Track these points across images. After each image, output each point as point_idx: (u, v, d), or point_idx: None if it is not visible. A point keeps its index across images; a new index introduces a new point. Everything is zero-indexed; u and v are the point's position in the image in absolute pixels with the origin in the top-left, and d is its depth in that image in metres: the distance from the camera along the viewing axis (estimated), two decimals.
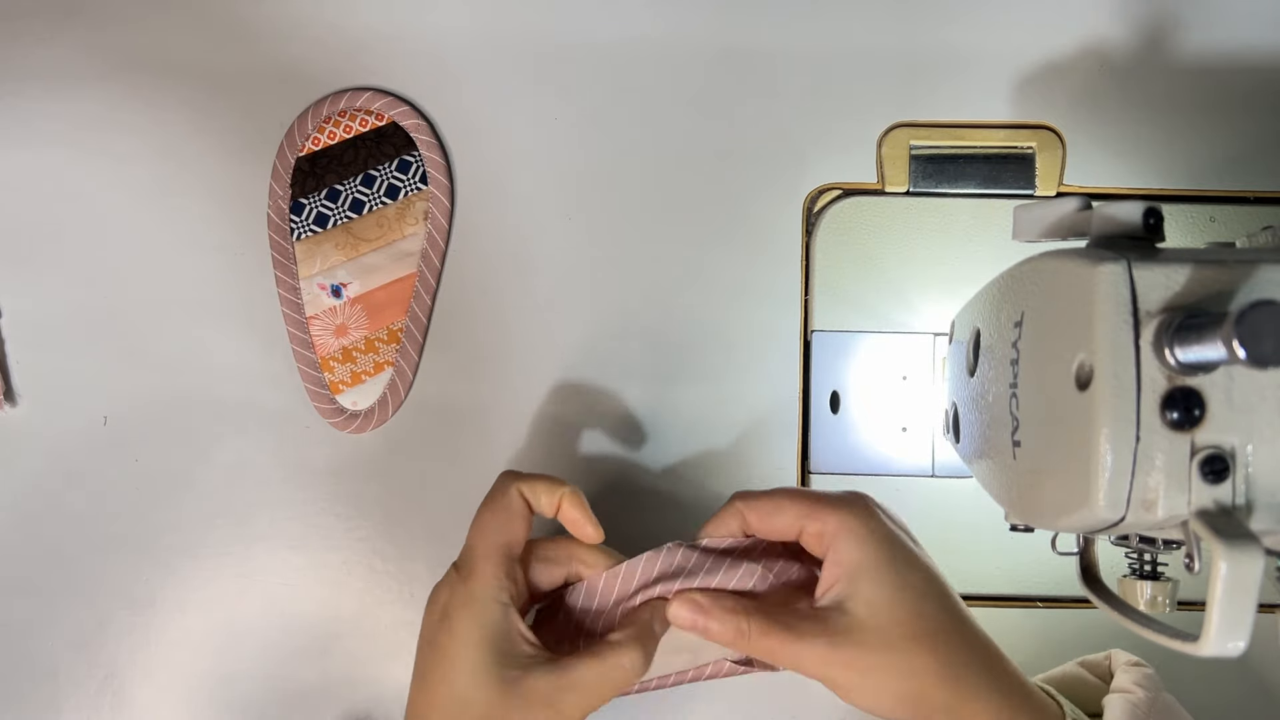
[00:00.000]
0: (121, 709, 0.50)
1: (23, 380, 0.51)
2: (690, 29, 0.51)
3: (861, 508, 0.38)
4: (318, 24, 0.52)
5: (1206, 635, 0.29)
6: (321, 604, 0.50)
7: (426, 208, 0.51)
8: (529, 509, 0.40)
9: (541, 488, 0.40)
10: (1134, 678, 0.40)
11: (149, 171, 0.51)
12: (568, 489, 0.40)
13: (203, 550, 0.50)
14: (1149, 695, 0.39)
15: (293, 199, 0.51)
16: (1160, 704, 0.39)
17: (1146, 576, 0.38)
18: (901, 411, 0.50)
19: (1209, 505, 0.29)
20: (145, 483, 0.50)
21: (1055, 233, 0.36)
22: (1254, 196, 0.50)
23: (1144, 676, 0.41)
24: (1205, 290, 0.30)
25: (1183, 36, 0.51)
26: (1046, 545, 0.41)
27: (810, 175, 0.51)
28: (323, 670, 0.50)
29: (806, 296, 0.51)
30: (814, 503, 0.39)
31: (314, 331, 0.50)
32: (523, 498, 0.40)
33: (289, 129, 0.51)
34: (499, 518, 0.39)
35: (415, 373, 0.51)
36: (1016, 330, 0.36)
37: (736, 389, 0.50)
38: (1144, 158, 0.51)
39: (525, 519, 0.40)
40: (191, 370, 0.51)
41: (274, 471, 0.50)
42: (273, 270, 0.51)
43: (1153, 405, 0.29)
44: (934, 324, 0.50)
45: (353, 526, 0.50)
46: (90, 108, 0.51)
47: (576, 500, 0.40)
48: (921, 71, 0.51)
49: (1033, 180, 0.50)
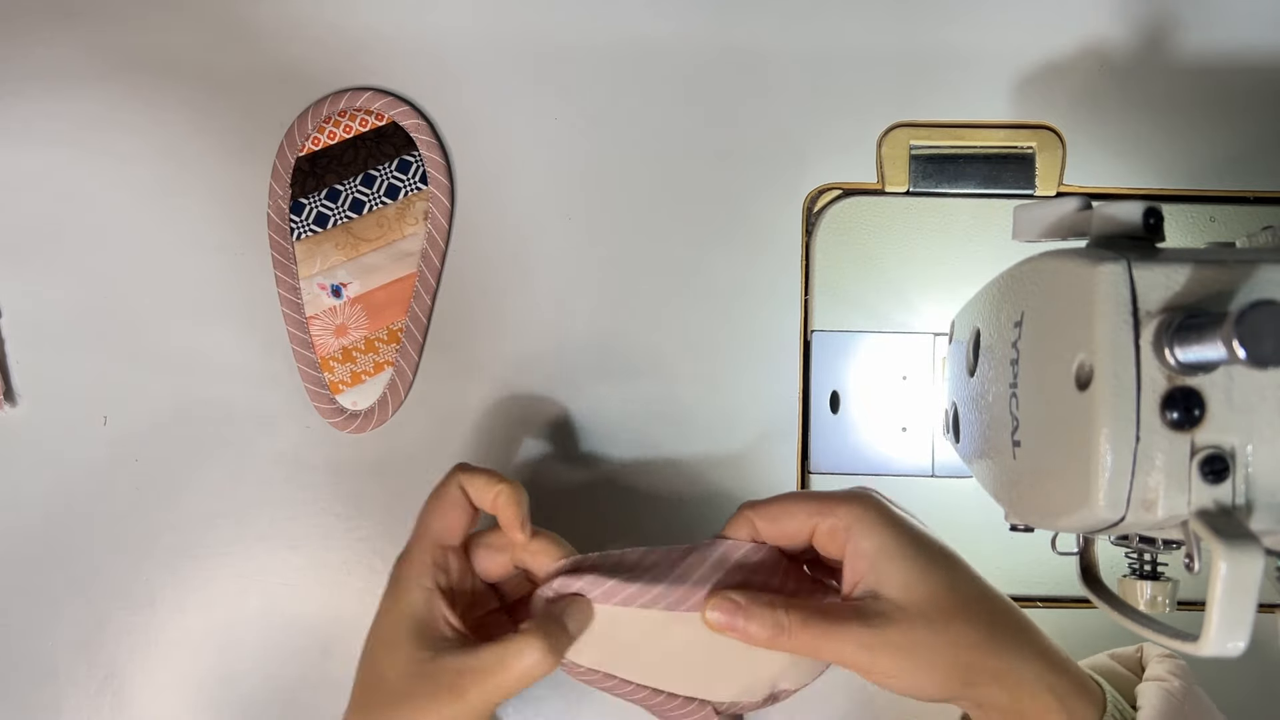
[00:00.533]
0: (121, 709, 0.50)
1: (23, 380, 0.51)
2: (690, 29, 0.51)
3: (866, 499, 0.39)
4: (318, 24, 0.52)
5: (1206, 635, 0.29)
6: (321, 604, 0.50)
7: (426, 208, 0.51)
8: (469, 500, 0.41)
9: (480, 482, 0.40)
10: (1169, 668, 0.40)
11: (149, 171, 0.51)
12: (504, 486, 0.40)
13: (203, 550, 0.50)
14: (1184, 685, 0.39)
15: (293, 199, 0.51)
16: (1194, 694, 0.39)
17: (1146, 576, 0.38)
18: (901, 411, 0.50)
19: (1209, 505, 0.29)
20: (145, 483, 0.50)
21: (1055, 233, 0.36)
22: (1254, 196, 0.50)
23: (1178, 667, 0.41)
24: (1205, 290, 0.30)
25: (1183, 36, 0.51)
26: (1046, 545, 0.41)
27: (810, 175, 0.51)
28: (323, 670, 0.50)
29: (806, 296, 0.51)
30: (823, 501, 0.39)
31: (314, 331, 0.50)
32: (462, 490, 0.41)
33: (289, 129, 0.51)
34: (437, 506, 0.41)
35: (415, 373, 0.51)
36: (1016, 330, 0.36)
37: (736, 389, 0.50)
38: (1144, 158, 0.51)
39: (463, 510, 0.41)
40: (191, 370, 0.51)
41: (274, 471, 0.50)
42: (273, 270, 0.51)
43: (1153, 405, 0.29)
44: (934, 324, 0.50)
45: (353, 526, 0.50)
46: (90, 108, 0.51)
47: (511, 498, 0.40)
48: (921, 71, 0.51)
49: (1033, 180, 0.50)
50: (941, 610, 0.36)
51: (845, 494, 0.39)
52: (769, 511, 0.40)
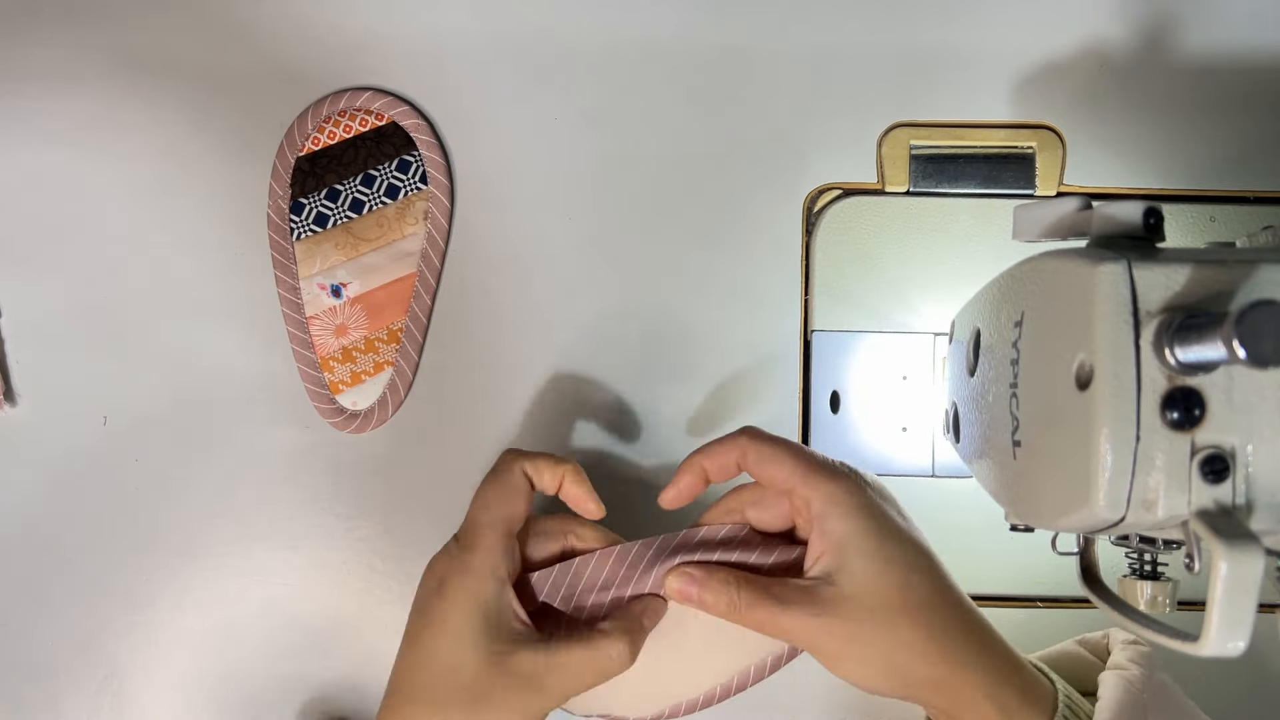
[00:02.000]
0: (121, 709, 0.50)
1: (23, 380, 0.51)
2: (690, 29, 0.51)
3: (849, 481, 0.39)
4: (318, 24, 0.52)
5: (1206, 635, 0.29)
6: (321, 604, 0.50)
7: (426, 208, 0.51)
8: (530, 486, 0.41)
9: (544, 464, 0.41)
10: (1130, 655, 0.40)
11: (149, 171, 0.51)
12: (569, 465, 0.41)
13: (203, 550, 0.50)
14: (1144, 673, 0.39)
15: (293, 199, 0.51)
16: (1155, 682, 0.39)
17: (1146, 576, 0.38)
18: (901, 411, 0.50)
19: (1209, 505, 0.29)
20: (145, 483, 0.50)
21: (1055, 233, 0.36)
22: (1254, 196, 0.50)
23: (1140, 654, 0.41)
24: (1205, 290, 0.30)
25: (1183, 36, 0.51)
26: (1046, 545, 0.41)
27: (810, 175, 0.51)
28: (323, 670, 0.50)
29: (806, 296, 0.51)
30: (808, 467, 0.39)
31: (314, 331, 0.50)
32: (525, 475, 0.41)
33: (289, 129, 0.51)
34: (501, 493, 0.40)
35: (415, 373, 0.51)
36: (1016, 330, 0.36)
37: (736, 389, 0.50)
38: (1144, 158, 0.51)
39: (526, 495, 0.41)
40: (191, 370, 0.51)
41: (274, 471, 0.50)
42: (273, 270, 0.51)
43: (1153, 405, 0.29)
44: (934, 324, 0.50)
45: (353, 526, 0.50)
46: (90, 108, 0.51)
47: (578, 476, 0.41)
48: (921, 71, 0.51)
49: (1033, 180, 0.50)
50: (889, 608, 0.37)
51: (828, 470, 0.39)
52: (763, 450, 0.39)
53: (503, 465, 0.41)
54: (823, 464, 0.39)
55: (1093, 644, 0.44)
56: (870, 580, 0.37)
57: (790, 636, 0.38)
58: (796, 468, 0.39)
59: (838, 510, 0.38)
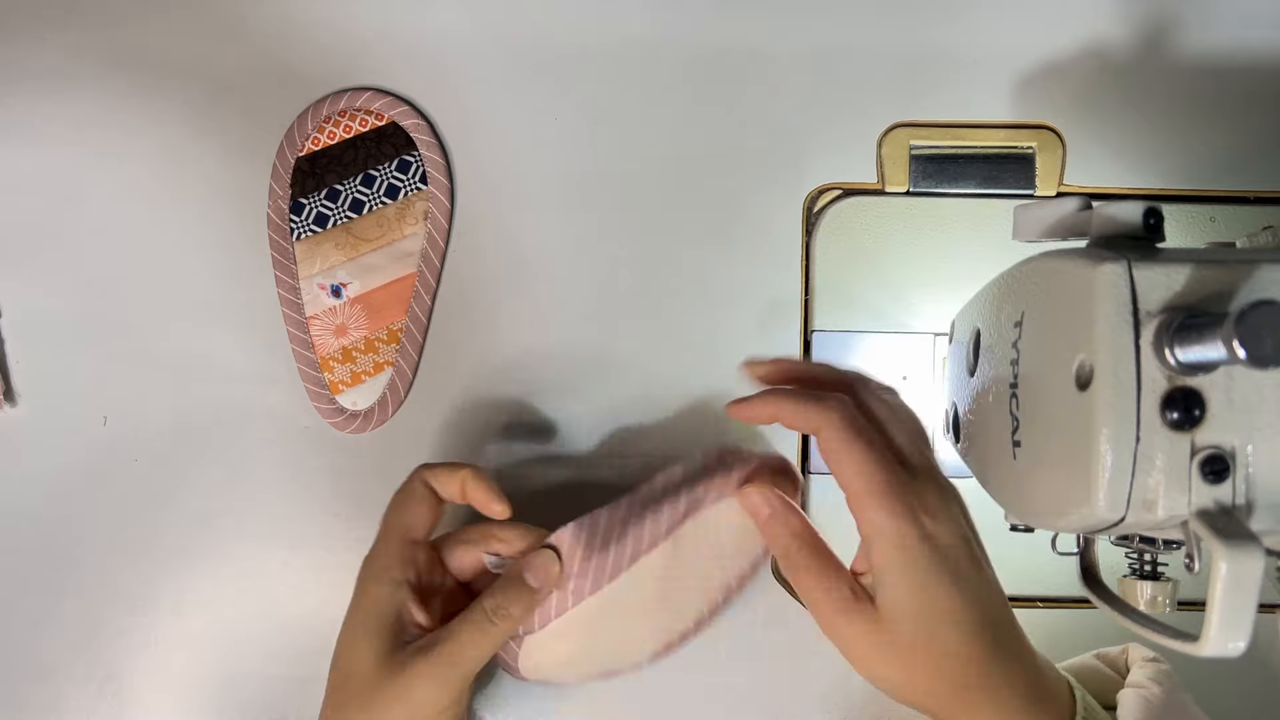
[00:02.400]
0: (121, 709, 0.49)
1: (23, 380, 0.51)
2: (690, 29, 0.51)
3: (899, 521, 0.35)
4: (318, 24, 0.52)
5: (1206, 635, 0.29)
6: (321, 604, 0.50)
7: (426, 208, 0.51)
8: (434, 495, 0.42)
9: (442, 472, 0.42)
10: (1150, 674, 0.40)
11: (149, 171, 0.51)
12: (467, 469, 0.42)
13: (203, 550, 0.50)
14: (1164, 693, 0.39)
15: (293, 199, 0.51)
16: (1175, 703, 0.39)
17: (1146, 576, 0.38)
18: None
19: (1209, 505, 0.29)
20: (145, 483, 0.50)
21: (1055, 233, 0.36)
22: (1254, 196, 0.50)
23: (1160, 673, 0.40)
24: (1205, 290, 0.30)
25: (1183, 36, 0.51)
26: (1046, 545, 0.41)
27: (810, 175, 0.51)
28: (323, 670, 0.50)
29: (806, 296, 0.51)
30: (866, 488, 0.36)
31: (314, 331, 0.50)
32: (425, 484, 0.42)
33: (289, 129, 0.51)
34: (401, 501, 0.42)
35: (415, 373, 0.51)
36: (1016, 330, 0.36)
37: (737, 389, 0.50)
38: (1144, 158, 0.51)
39: (428, 504, 0.42)
40: (191, 370, 0.51)
41: (274, 471, 0.50)
42: (273, 270, 0.51)
43: (1153, 405, 0.29)
44: (934, 324, 0.50)
45: (353, 526, 0.50)
46: (90, 108, 0.51)
47: (478, 479, 0.42)
48: (921, 71, 0.51)
49: (1033, 180, 0.50)
50: (913, 651, 0.35)
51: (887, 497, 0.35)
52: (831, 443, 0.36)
53: (408, 480, 0.43)
54: (883, 487, 0.35)
55: (1111, 659, 0.43)
56: (900, 618, 0.35)
57: (818, 615, 0.37)
58: (854, 482, 0.36)
59: (880, 541, 0.35)
